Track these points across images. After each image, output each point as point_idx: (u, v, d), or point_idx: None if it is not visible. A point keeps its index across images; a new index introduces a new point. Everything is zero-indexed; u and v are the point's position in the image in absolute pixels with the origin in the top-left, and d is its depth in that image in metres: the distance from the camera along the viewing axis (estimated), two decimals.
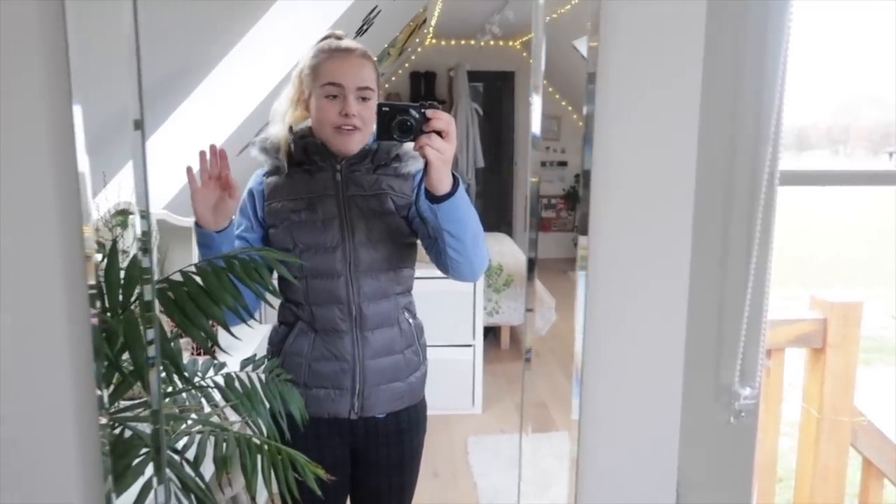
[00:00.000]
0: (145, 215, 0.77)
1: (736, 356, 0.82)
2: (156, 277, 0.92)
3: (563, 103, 3.46)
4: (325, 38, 1.32)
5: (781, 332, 1.64)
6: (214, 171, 1.17)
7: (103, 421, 0.77)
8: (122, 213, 1.29)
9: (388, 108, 1.15)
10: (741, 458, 0.88)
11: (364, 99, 1.27)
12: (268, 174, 1.34)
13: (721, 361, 0.86)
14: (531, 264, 0.94)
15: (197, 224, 1.21)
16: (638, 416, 0.86)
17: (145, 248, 0.84)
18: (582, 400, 0.85)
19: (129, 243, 1.08)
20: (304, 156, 1.31)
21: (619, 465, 0.87)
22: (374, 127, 1.19)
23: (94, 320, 0.77)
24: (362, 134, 1.28)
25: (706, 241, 0.85)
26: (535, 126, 0.87)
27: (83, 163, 0.76)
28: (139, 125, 0.79)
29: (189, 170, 1.17)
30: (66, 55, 0.74)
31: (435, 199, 1.17)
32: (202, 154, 1.17)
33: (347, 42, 1.30)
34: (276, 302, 1.36)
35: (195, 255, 1.79)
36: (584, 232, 0.83)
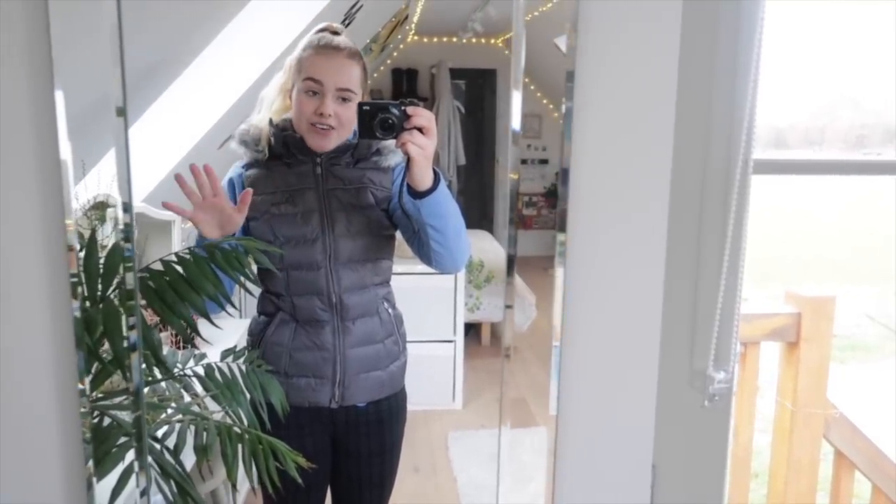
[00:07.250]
0: (127, 206, 0.77)
1: (710, 341, 0.84)
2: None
3: (545, 101, 3.45)
4: (322, 29, 1.30)
5: (757, 326, 1.66)
6: (207, 192, 1.16)
7: (84, 409, 0.77)
8: (101, 207, 1.28)
9: (369, 107, 1.16)
10: (715, 442, 0.90)
11: (344, 99, 1.26)
12: (247, 166, 1.34)
13: (696, 347, 0.87)
14: (510, 261, 0.95)
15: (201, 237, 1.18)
16: (615, 401, 0.88)
17: (127, 237, 0.84)
18: (560, 388, 0.86)
19: (107, 234, 1.07)
20: (283, 149, 1.31)
21: (595, 449, 0.89)
22: (355, 125, 1.20)
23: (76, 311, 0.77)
24: (338, 133, 1.28)
25: (681, 230, 0.86)
26: (516, 122, 0.88)
27: (65, 149, 0.76)
28: (122, 112, 0.79)
29: (179, 177, 1.13)
30: (48, 41, 0.74)
31: (417, 194, 1.19)
32: (191, 173, 1.13)
33: (339, 40, 1.28)
34: (257, 291, 1.36)
35: (174, 249, 1.78)
36: (563, 229, 0.84)
